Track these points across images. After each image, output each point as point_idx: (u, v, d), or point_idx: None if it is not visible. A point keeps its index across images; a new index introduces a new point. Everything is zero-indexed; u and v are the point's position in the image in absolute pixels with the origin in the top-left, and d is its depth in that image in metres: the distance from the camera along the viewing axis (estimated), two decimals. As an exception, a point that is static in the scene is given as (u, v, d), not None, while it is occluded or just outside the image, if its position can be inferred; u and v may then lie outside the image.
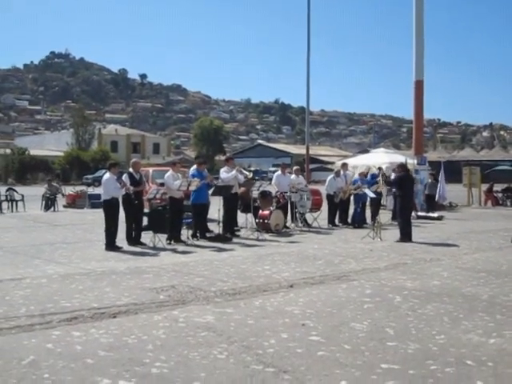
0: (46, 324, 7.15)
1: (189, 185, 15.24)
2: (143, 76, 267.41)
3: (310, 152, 61.54)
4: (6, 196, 27.40)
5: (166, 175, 15.66)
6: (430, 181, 28.01)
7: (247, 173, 18.39)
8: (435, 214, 24.09)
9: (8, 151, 75.57)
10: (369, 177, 21.87)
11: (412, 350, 6.26)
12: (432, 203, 27.19)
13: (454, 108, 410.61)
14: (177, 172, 15.88)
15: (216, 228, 16.73)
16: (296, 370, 5.59)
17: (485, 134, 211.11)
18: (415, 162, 29.03)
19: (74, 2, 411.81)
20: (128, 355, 5.99)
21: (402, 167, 16.95)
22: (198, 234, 16.07)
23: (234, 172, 16.84)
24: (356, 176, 21.58)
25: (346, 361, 5.89)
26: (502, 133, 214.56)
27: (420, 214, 24.15)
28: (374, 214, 19.04)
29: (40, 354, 5.98)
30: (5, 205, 26.69)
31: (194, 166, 16.91)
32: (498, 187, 34.09)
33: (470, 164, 42.38)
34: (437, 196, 29.30)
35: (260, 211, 17.98)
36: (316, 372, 5.55)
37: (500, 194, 33.56)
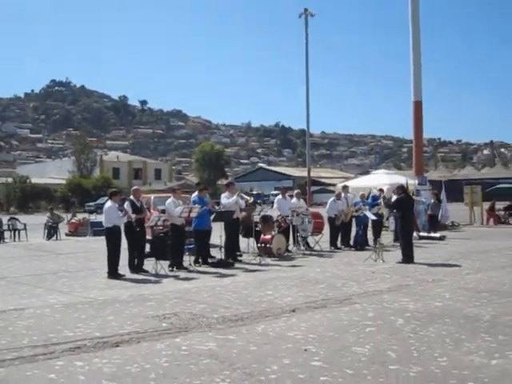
0: (49, 354, 7.17)
1: (190, 211, 15.29)
2: (143, 102, 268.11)
3: (312, 174, 61.79)
4: (9, 225, 27.48)
5: (167, 202, 15.71)
6: (432, 201, 28.03)
7: (248, 197, 18.46)
8: (437, 235, 24.10)
9: (10, 180, 75.74)
10: (370, 198, 21.92)
11: (414, 373, 6.27)
12: (435, 223, 27.18)
13: (454, 127, 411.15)
14: (178, 199, 15.92)
15: (218, 253, 16.76)
16: (298, 396, 5.60)
17: (485, 151, 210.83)
18: (416, 182, 29.09)
19: (74, 30, 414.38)
20: (131, 384, 6.01)
21: (402, 189, 17.02)
22: (200, 260, 16.08)
23: (234, 197, 16.88)
24: (357, 198, 21.62)
25: (349, 385, 5.90)
26: (502, 150, 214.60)
27: (422, 234, 24.16)
28: (376, 236, 19.09)
29: (43, 386, 6.00)
30: (7, 234, 26.75)
31: (196, 193, 16.99)
32: (499, 205, 34.11)
33: (472, 183, 42.42)
34: (439, 216, 29.34)
35: (262, 236, 18.01)
36: (318, 397, 5.56)
37: (502, 212, 33.57)
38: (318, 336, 7.91)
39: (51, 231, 27.77)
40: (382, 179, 30.82)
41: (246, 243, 18.11)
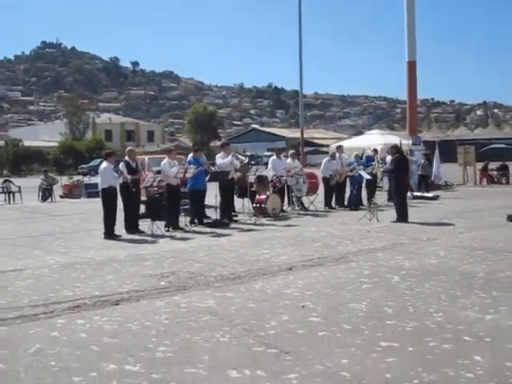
0: (50, 313, 7.25)
1: (185, 172, 15.32)
2: (135, 64, 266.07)
3: (305, 135, 61.53)
4: (3, 188, 27.50)
5: (163, 163, 15.72)
6: (423, 161, 28.05)
7: (243, 158, 18.49)
8: (431, 194, 24.23)
9: (2, 143, 75.44)
10: (364, 159, 21.97)
11: (410, 328, 6.38)
12: (426, 183, 27.28)
13: (447, 87, 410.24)
14: (173, 159, 15.91)
15: (213, 214, 16.84)
16: (297, 351, 5.70)
17: (479, 112, 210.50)
18: (410, 142, 29.12)
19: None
20: (132, 341, 6.10)
21: (396, 149, 17.03)
22: (195, 221, 16.15)
23: (229, 158, 16.88)
24: (351, 158, 21.66)
25: (347, 340, 6.00)
26: (495, 111, 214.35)
27: (416, 194, 24.26)
28: (370, 196, 19.19)
29: (45, 343, 6.08)
30: (2, 197, 26.77)
31: (191, 154, 17.01)
32: (492, 165, 34.24)
33: (465, 143, 42.44)
34: (432, 176, 29.45)
35: (257, 196, 18.07)
36: (317, 352, 5.66)
37: (495, 172, 33.70)
38: (315, 293, 8.01)
39: (45, 193, 27.78)
40: (375, 139, 30.92)
41: (241, 203, 18.17)
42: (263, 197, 17.95)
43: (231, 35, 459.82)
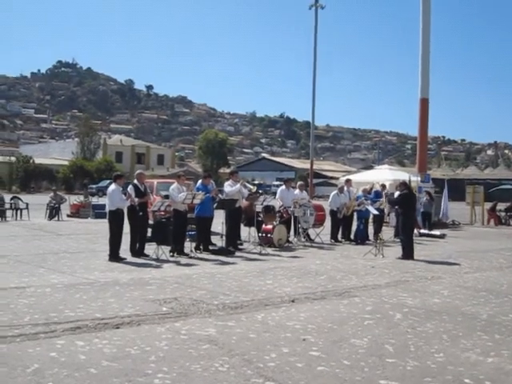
0: (51, 333, 7.25)
1: (193, 198, 15.35)
2: (149, 87, 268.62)
3: (314, 167, 61.67)
4: (11, 204, 27.55)
5: (171, 188, 15.76)
6: (425, 199, 27.94)
7: (251, 187, 18.50)
8: (438, 232, 24.15)
9: (13, 159, 75.79)
10: (372, 193, 21.97)
11: (411, 367, 6.34)
12: (428, 221, 27.15)
13: (458, 126, 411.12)
14: (182, 185, 15.96)
15: (219, 241, 16.84)
16: (296, 385, 5.68)
17: (489, 152, 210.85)
18: (419, 179, 29.13)
19: (83, 12, 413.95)
20: (131, 366, 6.08)
21: (405, 185, 17.04)
22: (201, 247, 16.16)
23: (238, 186, 16.93)
24: (359, 192, 21.66)
25: (345, 376, 5.97)
26: (506, 151, 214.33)
27: (422, 231, 24.21)
28: (377, 231, 19.15)
29: (44, 363, 6.07)
30: (9, 213, 26.83)
31: (200, 180, 17.07)
32: (501, 206, 34.14)
33: (474, 182, 42.46)
34: (440, 214, 29.43)
35: (263, 225, 18.08)
36: (315, 387, 5.63)
37: (503, 213, 33.59)
38: (317, 327, 7.98)
39: (53, 211, 27.84)
40: (385, 175, 30.90)
41: (247, 232, 18.17)
42: (270, 227, 17.96)
43: (246, 63, 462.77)
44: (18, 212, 27.16)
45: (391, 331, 7.89)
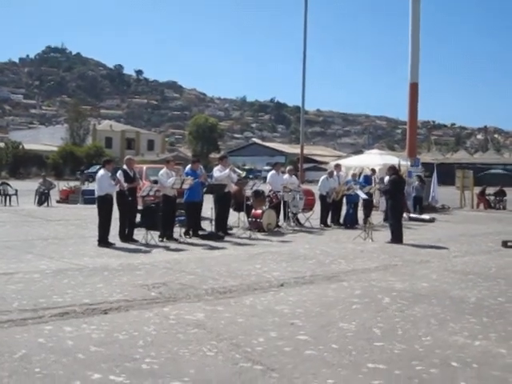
0: (38, 319, 7.23)
1: (182, 183, 15.32)
2: (139, 72, 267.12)
3: (305, 151, 61.75)
4: (0, 190, 27.43)
5: (160, 173, 15.73)
6: (416, 183, 28.00)
7: (240, 172, 18.50)
8: (427, 217, 24.23)
9: (2, 145, 75.41)
10: (362, 178, 22.01)
11: (398, 351, 6.36)
12: (420, 205, 27.24)
13: (448, 110, 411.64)
14: (171, 170, 15.93)
15: (208, 226, 16.83)
16: (283, 369, 5.68)
17: (479, 136, 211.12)
18: (408, 163, 29.15)
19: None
20: (119, 351, 6.08)
21: (393, 169, 17.04)
22: (190, 232, 16.14)
23: (227, 171, 16.90)
24: (349, 177, 21.69)
25: (333, 360, 5.98)
26: (496, 136, 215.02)
27: (412, 215, 24.27)
28: (366, 215, 19.18)
29: (32, 349, 6.05)
30: (-2, 199, 26.74)
31: (189, 165, 17.03)
32: (490, 190, 34.28)
33: (464, 167, 42.55)
34: (429, 197, 29.50)
35: (253, 210, 18.07)
36: (303, 371, 5.64)
37: (492, 197, 33.73)
38: (305, 311, 8.00)
39: (42, 197, 27.75)
40: (374, 159, 30.91)
41: (236, 217, 18.16)
42: (259, 211, 17.95)
43: (236, 48, 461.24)
44: (7, 198, 27.07)
45: (379, 315, 7.91)
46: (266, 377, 5.47)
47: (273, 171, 20.08)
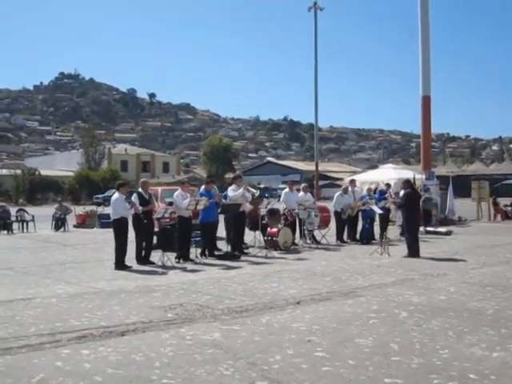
0: (56, 343, 7.27)
1: (197, 204, 15.36)
2: (152, 95, 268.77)
3: (320, 168, 61.74)
4: (17, 217, 27.62)
5: (175, 194, 15.78)
6: (425, 196, 27.78)
7: (254, 191, 18.44)
8: (444, 229, 24.11)
9: (18, 172, 75.90)
10: (377, 193, 21.95)
11: (416, 365, 6.33)
12: (428, 218, 27.00)
13: (462, 122, 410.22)
14: (186, 191, 15.98)
15: (224, 246, 16.85)
16: (300, 386, 5.68)
17: (494, 147, 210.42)
18: (423, 177, 29.08)
19: (82, 22, 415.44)
20: (136, 372, 6.10)
21: (408, 183, 17.00)
22: (206, 253, 16.17)
23: (241, 190, 16.92)
24: (364, 192, 21.65)
25: (350, 376, 5.97)
26: (511, 146, 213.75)
27: (429, 229, 24.16)
28: (383, 230, 19.12)
29: (49, 372, 6.09)
30: (15, 225, 26.89)
31: (203, 186, 17.09)
32: (507, 201, 34.08)
33: (480, 178, 42.32)
34: (446, 210, 29.38)
35: (268, 229, 18.07)
36: (320, 387, 5.63)
37: (509, 208, 33.52)
38: (322, 327, 7.98)
39: (59, 223, 27.88)
40: (389, 174, 30.82)
41: (252, 236, 18.17)
42: (275, 230, 17.95)
43: (247, 68, 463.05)
44: (24, 224, 27.21)
45: (396, 329, 7.88)
46: (282, 394, 5.46)
47: (286, 189, 20.11)
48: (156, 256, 14.92)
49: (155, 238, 15.55)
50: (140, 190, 15.36)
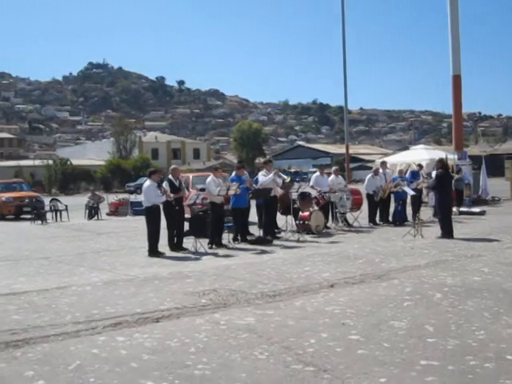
0: (92, 330, 7.34)
1: (228, 189, 15.37)
2: (181, 82, 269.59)
3: (350, 151, 61.41)
4: (51, 206, 27.92)
5: (207, 180, 15.78)
6: (457, 176, 27.50)
7: (285, 176, 18.36)
8: (477, 210, 23.87)
9: (50, 162, 76.71)
10: (408, 174, 21.78)
11: (451, 346, 6.29)
12: (460, 198, 26.69)
13: (494, 101, 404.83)
14: (218, 177, 15.99)
15: (257, 231, 16.86)
16: (335, 369, 5.67)
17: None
18: (456, 157, 28.79)
19: (110, 12, 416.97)
20: (171, 358, 6.14)
21: (441, 163, 16.82)
22: (238, 238, 16.20)
23: (271, 175, 16.91)
24: (395, 174, 21.49)
25: (385, 358, 5.94)
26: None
27: (462, 209, 23.92)
28: (415, 212, 18.96)
29: (86, 359, 6.16)
30: (49, 215, 27.18)
31: (234, 171, 17.11)
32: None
33: (513, 157, 41.79)
34: (479, 190, 29.07)
35: (300, 213, 18.03)
36: (355, 370, 5.61)
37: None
38: (356, 310, 7.96)
39: (92, 211, 28.13)
40: (421, 155, 30.55)
41: (284, 220, 18.15)
42: (306, 213, 17.90)
43: (275, 52, 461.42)
44: (58, 214, 27.49)
45: (431, 311, 7.83)
46: (317, 378, 5.46)
47: (317, 173, 20.03)
48: (189, 242, 14.98)
49: (187, 225, 15.61)
50: (170, 177, 15.40)
